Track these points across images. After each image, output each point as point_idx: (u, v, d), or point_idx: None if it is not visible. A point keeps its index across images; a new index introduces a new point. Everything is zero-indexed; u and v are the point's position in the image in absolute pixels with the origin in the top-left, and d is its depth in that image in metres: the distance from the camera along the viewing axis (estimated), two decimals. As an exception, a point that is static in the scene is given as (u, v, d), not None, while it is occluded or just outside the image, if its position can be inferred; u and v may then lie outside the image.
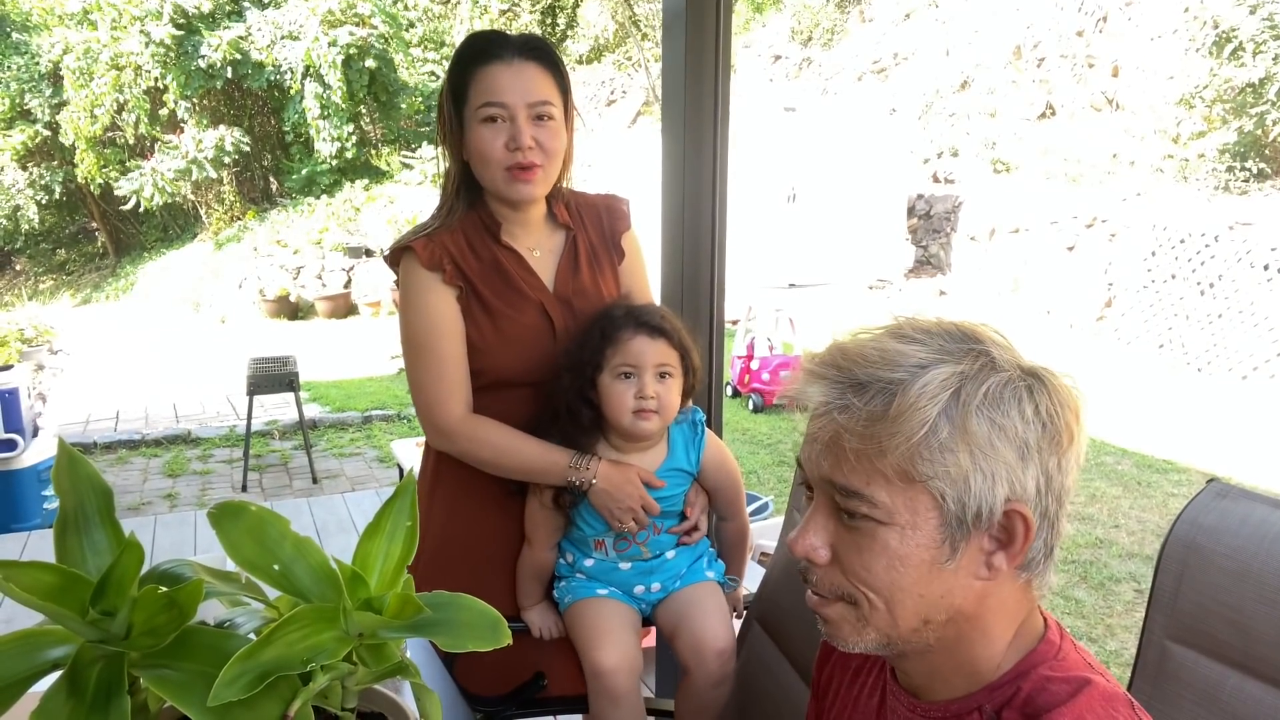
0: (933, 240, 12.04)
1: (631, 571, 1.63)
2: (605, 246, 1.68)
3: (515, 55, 1.49)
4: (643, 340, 1.50)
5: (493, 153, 1.49)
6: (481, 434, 1.56)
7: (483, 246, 1.58)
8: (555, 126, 1.51)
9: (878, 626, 0.79)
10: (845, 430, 0.75)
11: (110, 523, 0.76)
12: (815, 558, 0.80)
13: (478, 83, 1.49)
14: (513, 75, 1.48)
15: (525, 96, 1.48)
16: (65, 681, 0.69)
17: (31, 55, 15.64)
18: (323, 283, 13.08)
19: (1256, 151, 9.25)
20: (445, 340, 1.55)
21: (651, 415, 1.50)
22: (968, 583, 0.77)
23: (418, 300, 1.56)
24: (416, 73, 17.01)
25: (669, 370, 1.51)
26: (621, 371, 1.50)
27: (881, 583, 0.77)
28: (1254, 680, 1.03)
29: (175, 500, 5.38)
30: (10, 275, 18.67)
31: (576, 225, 1.66)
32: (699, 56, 2.08)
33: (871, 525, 0.76)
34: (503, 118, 1.48)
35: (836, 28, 16.16)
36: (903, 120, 13.29)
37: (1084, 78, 11.77)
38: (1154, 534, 4.50)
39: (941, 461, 0.73)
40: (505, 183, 1.51)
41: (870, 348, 0.77)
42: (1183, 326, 8.31)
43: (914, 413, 0.72)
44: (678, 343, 1.53)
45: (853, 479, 0.76)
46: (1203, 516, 1.11)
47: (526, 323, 1.57)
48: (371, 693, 0.86)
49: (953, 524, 0.75)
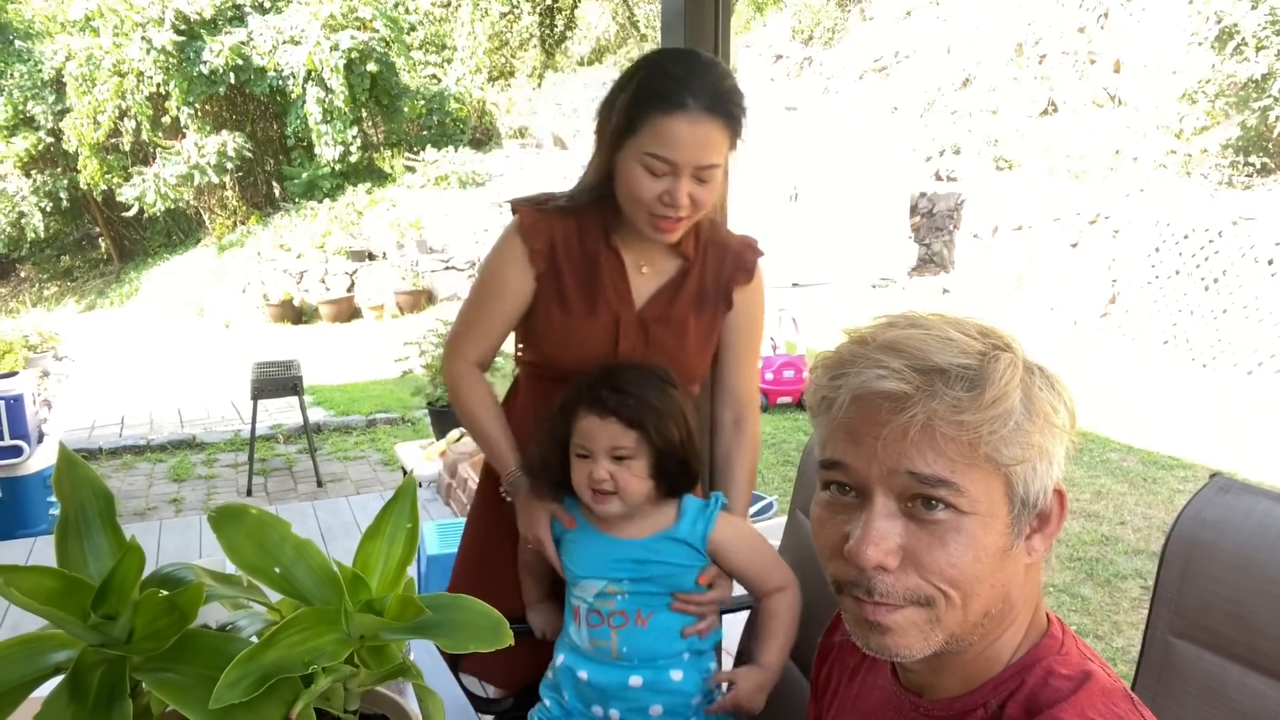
0: (936, 238, 12.02)
1: (594, 669, 1.44)
2: (716, 292, 1.59)
3: (700, 110, 1.36)
4: (592, 421, 1.36)
5: (644, 197, 1.42)
6: (464, 391, 1.60)
7: (591, 241, 1.54)
8: (714, 184, 1.43)
9: (948, 626, 0.76)
10: (937, 417, 0.72)
11: (111, 527, 0.76)
12: (889, 564, 0.75)
13: (652, 127, 1.38)
14: (691, 133, 1.37)
15: (696, 159, 1.38)
16: (67, 685, 0.69)
17: (34, 62, 15.68)
18: (326, 287, 13.09)
19: (1259, 146, 9.22)
20: (495, 299, 1.57)
21: (608, 498, 1.37)
22: (1019, 569, 0.78)
23: (495, 258, 1.58)
24: (418, 76, 17.03)
25: (624, 453, 1.36)
26: (578, 450, 1.39)
27: (967, 575, 0.74)
28: (1258, 675, 1.02)
29: (180, 505, 5.39)
30: (15, 282, 18.72)
31: (697, 259, 1.57)
32: (699, 56, 2.09)
33: (955, 516, 0.74)
34: (666, 172, 1.39)
35: (837, 26, 16.16)
36: (905, 118, 13.28)
37: (1086, 74, 11.74)
38: (1160, 530, 4.49)
39: (1022, 446, 0.73)
40: (646, 224, 1.46)
41: (932, 335, 0.75)
42: (1187, 322, 8.29)
43: (1005, 398, 0.72)
44: (636, 421, 1.35)
45: (939, 467, 0.73)
46: (1206, 511, 1.10)
47: (593, 328, 1.53)
48: (374, 694, 0.86)
49: (1019, 508, 0.75)
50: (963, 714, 0.80)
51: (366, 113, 15.83)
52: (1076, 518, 4.67)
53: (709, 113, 1.37)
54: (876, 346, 0.76)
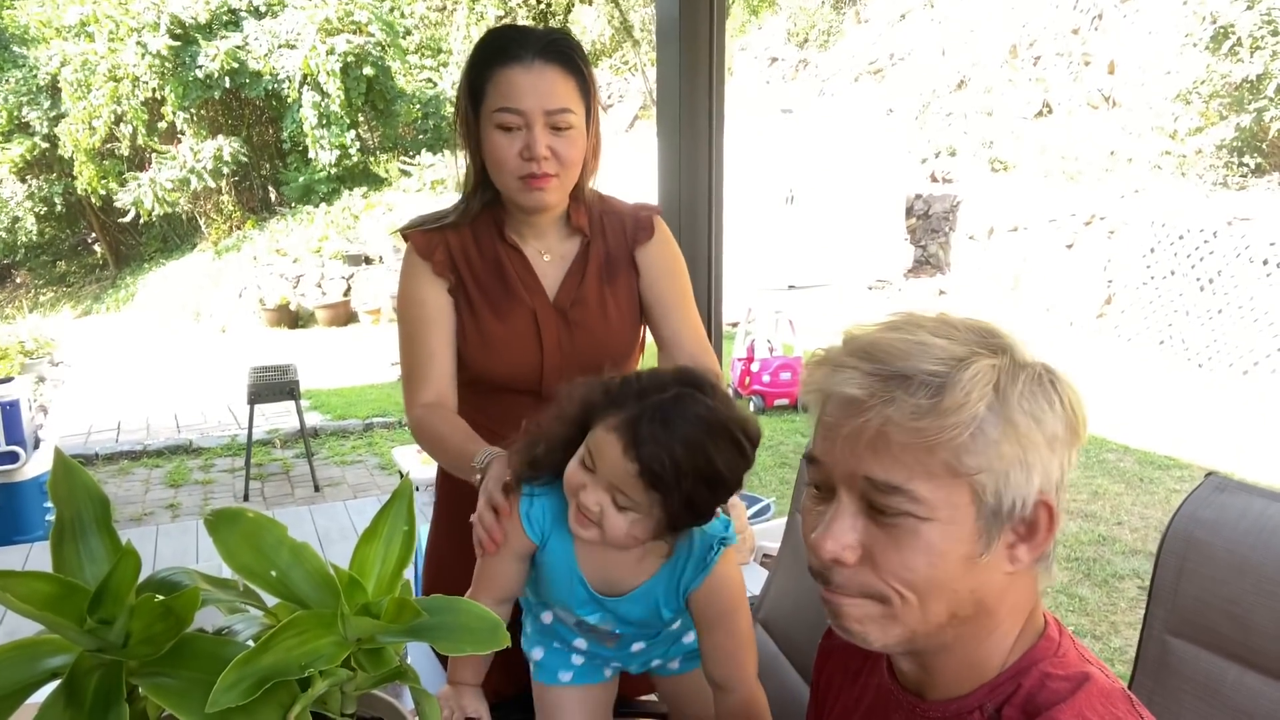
0: (932, 240, 12.04)
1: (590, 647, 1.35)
2: (621, 258, 1.57)
3: (535, 57, 1.40)
4: (612, 443, 1.10)
5: (506, 160, 1.43)
6: (427, 424, 1.48)
7: (488, 243, 1.55)
8: (574, 134, 1.43)
9: (906, 623, 0.77)
10: (892, 424, 0.73)
11: (107, 531, 0.76)
12: (845, 559, 0.77)
13: (494, 84, 1.41)
14: (531, 80, 1.40)
15: (542, 103, 1.40)
16: (64, 690, 0.69)
17: (29, 68, 15.69)
18: (322, 291, 13.09)
19: (1254, 147, 9.25)
20: (424, 327, 1.51)
21: (589, 526, 1.15)
22: (994, 577, 0.77)
23: (405, 288, 1.55)
24: (414, 80, 17.04)
25: (628, 503, 1.12)
26: (584, 459, 1.15)
27: (920, 579, 0.75)
28: (1254, 673, 1.03)
29: (177, 510, 5.38)
30: (11, 287, 18.70)
31: (595, 233, 1.57)
32: (694, 61, 2.09)
33: (911, 522, 0.74)
34: (518, 125, 1.41)
35: (832, 29, 16.19)
36: (900, 120, 13.30)
37: (1080, 75, 11.78)
38: (1157, 530, 4.50)
39: (988, 456, 0.72)
40: (518, 190, 1.46)
41: (906, 340, 0.75)
42: (1183, 322, 8.31)
43: (966, 407, 0.71)
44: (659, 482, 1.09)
45: (895, 474, 0.74)
46: (1201, 511, 1.11)
47: (513, 328, 1.52)
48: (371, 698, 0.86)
49: (989, 517, 0.74)
50: (959, 715, 0.80)
51: (362, 117, 15.83)
52: (1074, 518, 4.68)
53: (542, 57, 1.41)
54: (855, 348, 0.77)
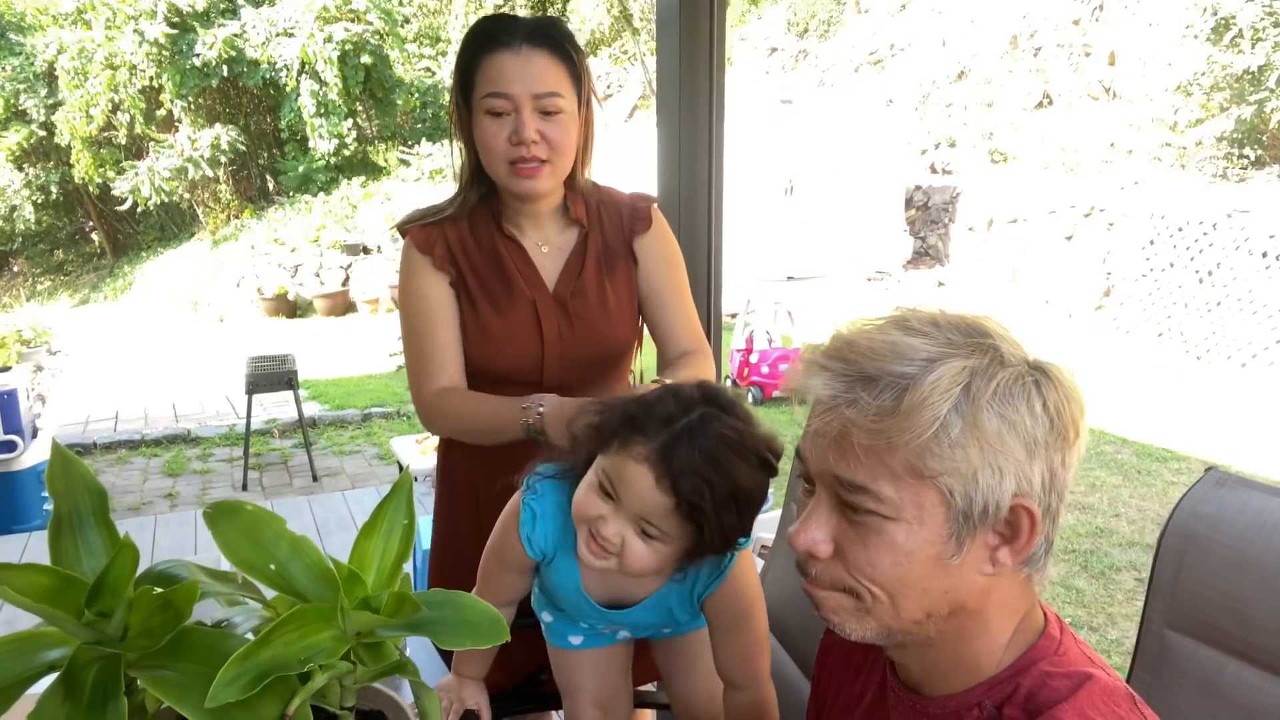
0: (931, 231, 12.03)
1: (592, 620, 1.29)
2: (619, 248, 1.58)
3: (523, 42, 1.41)
4: (640, 471, 1.01)
5: (496, 146, 1.44)
6: (446, 405, 1.51)
7: (486, 236, 1.55)
8: (564, 119, 1.44)
9: (881, 619, 0.78)
10: (853, 425, 0.73)
11: (105, 523, 0.76)
12: (817, 552, 0.79)
13: (483, 71, 1.43)
14: (519, 64, 1.41)
15: (531, 87, 1.41)
16: (62, 683, 0.69)
17: (26, 56, 15.62)
18: (321, 280, 13.06)
19: (1255, 139, 9.23)
20: (430, 323, 1.52)
21: (606, 555, 1.07)
22: (972, 578, 0.77)
23: (406, 283, 1.55)
24: (412, 69, 16.97)
25: (655, 533, 1.04)
26: (603, 484, 1.06)
27: (886, 578, 0.76)
28: (1253, 667, 1.03)
29: (175, 500, 5.38)
30: (8, 276, 18.66)
31: (592, 223, 1.57)
32: (694, 50, 2.08)
33: (877, 521, 0.75)
34: (507, 110, 1.42)
35: (832, 19, 16.14)
36: (900, 111, 13.27)
37: (1081, 67, 11.75)
38: (1154, 522, 4.50)
39: (951, 458, 0.72)
40: (508, 177, 1.47)
41: (877, 340, 0.75)
42: (1181, 315, 8.31)
43: (925, 409, 0.71)
44: (697, 512, 1.01)
45: (859, 474, 0.75)
46: (1201, 505, 1.11)
47: (513, 320, 1.52)
48: (370, 691, 0.86)
49: (959, 520, 0.74)
50: (958, 713, 0.80)
51: (361, 106, 15.78)
52: (1071, 510, 4.69)
53: (529, 42, 1.42)
54: (832, 349, 0.78)
